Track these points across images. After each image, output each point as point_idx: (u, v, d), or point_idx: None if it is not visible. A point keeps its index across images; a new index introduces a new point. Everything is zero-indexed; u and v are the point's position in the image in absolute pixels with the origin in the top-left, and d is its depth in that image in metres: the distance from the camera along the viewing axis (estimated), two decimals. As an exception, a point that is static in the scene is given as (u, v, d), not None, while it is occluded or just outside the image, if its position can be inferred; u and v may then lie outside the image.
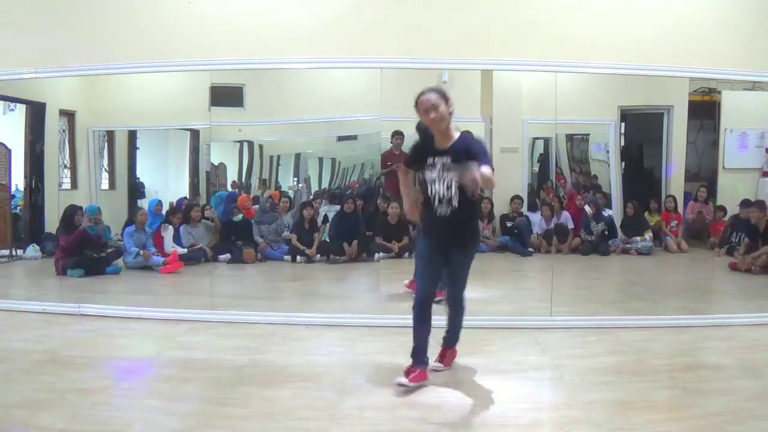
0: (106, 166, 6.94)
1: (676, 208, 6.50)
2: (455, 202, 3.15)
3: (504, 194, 6.83)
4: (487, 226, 6.92)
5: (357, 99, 6.63)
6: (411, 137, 7.18)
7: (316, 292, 5.88)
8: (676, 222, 6.50)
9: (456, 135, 3.21)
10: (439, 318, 3.45)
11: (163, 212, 6.60)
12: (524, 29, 5.08)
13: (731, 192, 6.25)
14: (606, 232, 6.57)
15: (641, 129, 6.92)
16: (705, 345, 4.06)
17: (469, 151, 3.05)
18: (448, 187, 3.14)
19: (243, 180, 7.66)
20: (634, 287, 5.87)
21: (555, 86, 4.78)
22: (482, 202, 6.17)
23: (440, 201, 3.17)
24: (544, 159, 7.10)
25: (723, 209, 6.37)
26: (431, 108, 3.14)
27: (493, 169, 3.02)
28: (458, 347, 3.59)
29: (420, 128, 3.73)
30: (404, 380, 3.18)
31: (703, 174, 6.53)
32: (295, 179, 7.82)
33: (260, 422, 2.82)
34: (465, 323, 4.41)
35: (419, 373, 3.23)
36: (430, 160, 3.18)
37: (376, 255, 6.32)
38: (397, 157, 7.11)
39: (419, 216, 3.34)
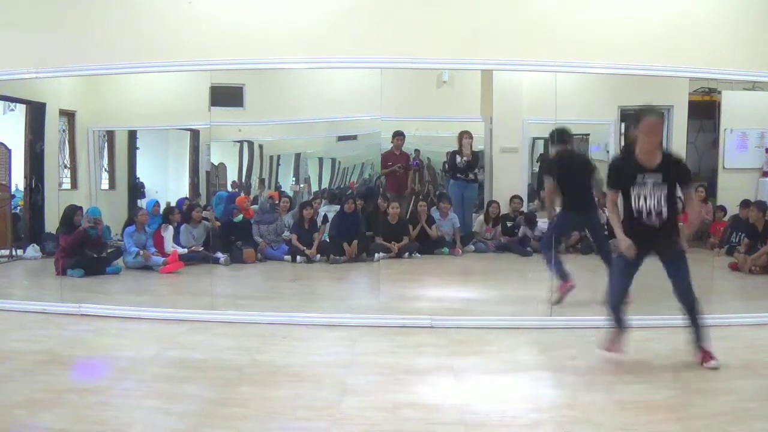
0: (106, 166, 6.95)
1: (683, 209, 6.47)
2: (665, 215, 3.50)
3: (504, 194, 6.84)
4: (490, 229, 6.93)
5: (357, 99, 6.64)
6: (411, 137, 7.24)
7: (316, 292, 5.88)
8: (681, 224, 6.46)
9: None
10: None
11: (160, 212, 6.60)
12: (524, 29, 5.09)
13: (731, 192, 6.25)
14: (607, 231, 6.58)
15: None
16: (705, 345, 4.06)
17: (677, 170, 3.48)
18: (658, 202, 3.47)
19: (243, 180, 7.67)
20: (634, 287, 5.85)
21: (555, 86, 4.78)
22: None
23: (649, 214, 3.50)
24: (544, 159, 7.10)
25: (723, 209, 6.37)
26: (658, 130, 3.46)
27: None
28: (459, 347, 3.60)
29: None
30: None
31: (703, 174, 6.53)
32: (294, 179, 7.83)
33: (260, 422, 2.82)
34: (465, 323, 4.43)
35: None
36: (640, 178, 3.44)
37: (376, 255, 6.32)
38: (398, 157, 7.13)
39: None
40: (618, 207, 3.60)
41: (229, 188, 7.48)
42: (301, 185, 7.84)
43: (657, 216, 3.50)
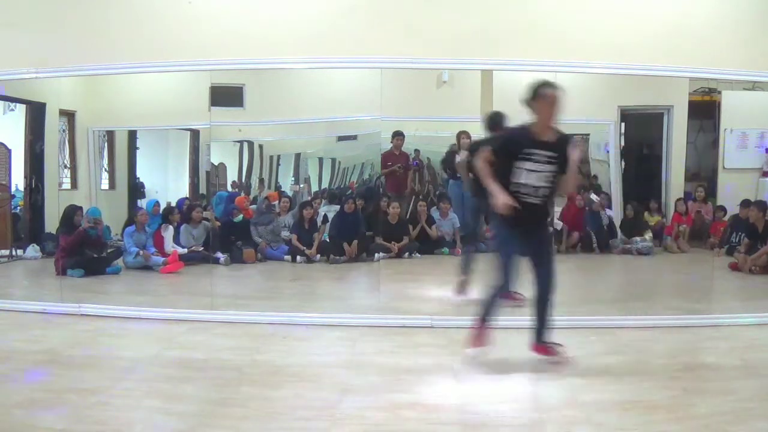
0: (106, 166, 6.94)
1: (687, 210, 6.46)
2: (544, 194, 3.35)
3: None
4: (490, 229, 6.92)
5: (357, 99, 6.62)
6: (411, 137, 7.24)
7: (316, 292, 5.88)
8: (685, 226, 6.46)
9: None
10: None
11: (160, 212, 6.60)
12: (524, 29, 5.08)
13: (731, 192, 6.24)
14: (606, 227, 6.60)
15: (641, 129, 6.92)
16: (705, 345, 4.06)
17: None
18: (546, 179, 3.31)
19: (243, 180, 7.67)
20: (634, 287, 5.87)
21: (555, 86, 4.76)
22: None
23: (529, 190, 3.33)
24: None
25: (723, 209, 6.37)
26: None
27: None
28: (459, 347, 3.59)
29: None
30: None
31: (703, 174, 6.53)
32: (293, 179, 7.82)
33: (260, 422, 2.82)
34: (465, 323, 4.42)
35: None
36: (531, 152, 3.30)
37: (376, 255, 6.32)
38: (398, 157, 7.12)
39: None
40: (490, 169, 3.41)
41: (229, 188, 7.47)
42: (301, 185, 7.84)
43: (537, 192, 3.34)
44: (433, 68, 5.19)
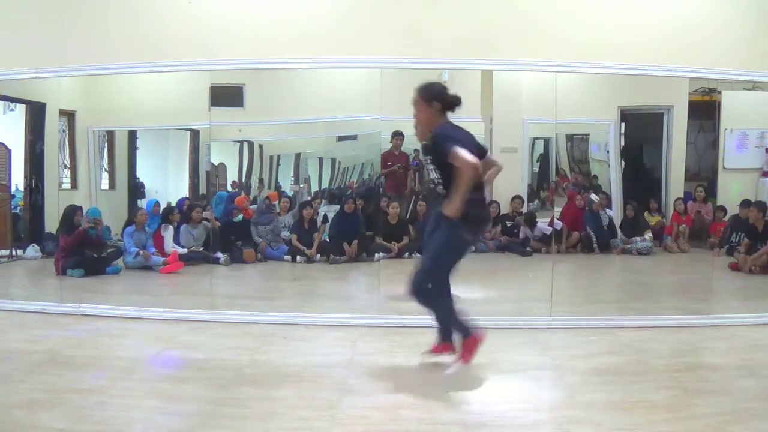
0: (106, 166, 6.94)
1: (686, 210, 6.45)
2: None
3: (504, 194, 6.83)
4: (489, 228, 6.92)
5: (357, 99, 6.63)
6: (411, 137, 7.23)
7: (316, 292, 5.88)
8: (684, 226, 6.45)
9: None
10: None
11: (161, 212, 6.60)
12: (524, 29, 5.08)
13: (731, 192, 6.24)
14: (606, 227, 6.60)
15: (641, 129, 6.92)
16: (705, 345, 4.06)
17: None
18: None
19: (243, 180, 7.67)
20: (634, 287, 5.87)
21: (555, 86, 4.77)
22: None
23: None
24: (544, 159, 7.10)
25: (723, 209, 6.37)
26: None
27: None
28: (459, 347, 3.59)
29: None
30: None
31: (703, 174, 6.53)
32: (293, 179, 7.82)
33: (260, 422, 2.82)
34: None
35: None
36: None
37: (376, 255, 6.32)
38: (397, 157, 7.12)
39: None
40: None
41: (229, 188, 7.47)
42: (301, 185, 7.84)
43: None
44: (433, 68, 5.16)
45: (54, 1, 5.26)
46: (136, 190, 7.13)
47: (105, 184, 6.93)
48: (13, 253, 6.28)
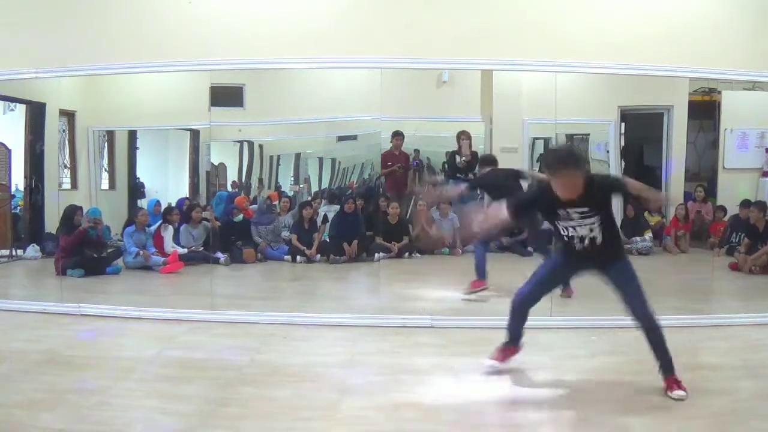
0: (106, 166, 6.94)
1: (686, 217, 6.42)
2: (599, 240, 3.25)
3: (504, 194, 6.82)
4: None
5: (357, 99, 6.63)
6: (411, 137, 7.24)
7: (316, 292, 5.88)
8: (683, 232, 6.43)
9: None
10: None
11: (161, 212, 6.60)
12: (524, 29, 5.08)
13: (731, 192, 6.24)
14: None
15: (641, 129, 6.92)
16: (705, 345, 4.06)
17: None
18: (591, 230, 3.22)
19: (243, 180, 7.67)
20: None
21: (555, 86, 4.77)
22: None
23: (581, 240, 3.26)
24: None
25: (723, 209, 6.37)
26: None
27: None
28: (459, 347, 3.59)
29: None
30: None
31: (703, 174, 6.53)
32: (293, 179, 7.82)
33: (260, 422, 2.82)
34: (465, 323, 4.43)
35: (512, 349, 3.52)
36: (562, 213, 3.20)
37: (376, 255, 6.32)
38: (397, 157, 7.12)
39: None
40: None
41: (229, 188, 7.47)
42: (301, 185, 7.84)
43: (590, 242, 3.26)
44: (433, 68, 5.18)
45: (54, 1, 5.25)
46: (136, 190, 7.13)
47: (105, 184, 6.93)
48: (13, 253, 6.28)
